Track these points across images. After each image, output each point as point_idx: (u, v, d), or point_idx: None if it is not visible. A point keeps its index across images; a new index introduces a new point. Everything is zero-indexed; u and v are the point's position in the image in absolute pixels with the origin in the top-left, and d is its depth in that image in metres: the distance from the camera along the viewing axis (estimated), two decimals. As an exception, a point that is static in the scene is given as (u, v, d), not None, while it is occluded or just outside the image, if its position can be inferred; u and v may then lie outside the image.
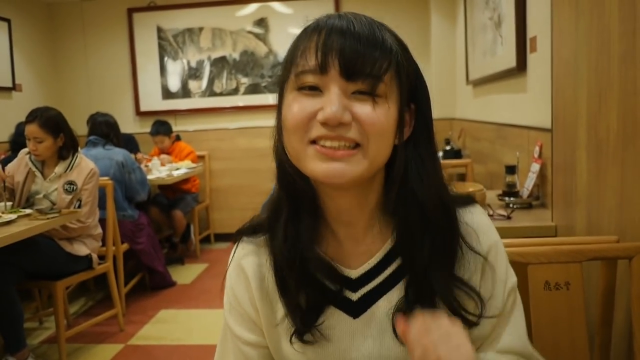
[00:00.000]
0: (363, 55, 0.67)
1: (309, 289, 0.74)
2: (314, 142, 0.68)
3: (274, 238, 0.77)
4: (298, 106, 0.69)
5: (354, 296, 0.77)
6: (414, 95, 0.73)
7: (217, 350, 0.87)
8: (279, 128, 0.74)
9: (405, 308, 0.73)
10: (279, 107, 0.74)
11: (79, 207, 2.84)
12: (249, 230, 0.82)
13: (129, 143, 4.63)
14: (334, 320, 0.76)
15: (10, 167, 2.94)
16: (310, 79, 0.68)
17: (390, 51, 0.69)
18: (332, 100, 0.66)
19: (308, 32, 0.71)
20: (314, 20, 0.72)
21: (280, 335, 0.79)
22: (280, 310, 0.78)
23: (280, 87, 0.75)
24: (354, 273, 0.77)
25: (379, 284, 0.76)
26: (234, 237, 0.84)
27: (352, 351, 0.76)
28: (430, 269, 0.72)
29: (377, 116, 0.68)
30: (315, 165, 0.68)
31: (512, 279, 0.80)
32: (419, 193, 0.72)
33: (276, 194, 0.78)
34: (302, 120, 0.68)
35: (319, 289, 0.75)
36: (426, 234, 0.72)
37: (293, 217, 0.75)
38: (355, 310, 0.76)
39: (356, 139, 0.67)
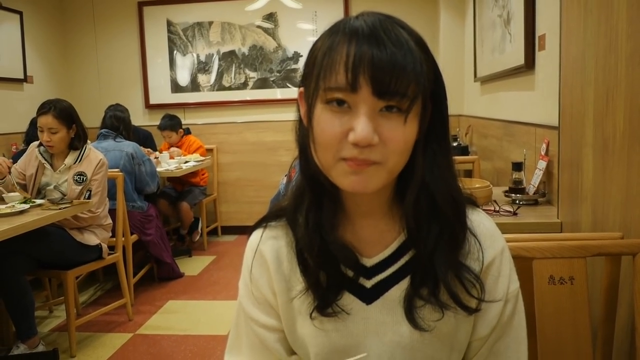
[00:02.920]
0: (396, 74, 0.66)
1: (327, 271, 0.77)
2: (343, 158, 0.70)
3: (296, 223, 0.79)
4: (328, 125, 0.69)
5: (368, 283, 0.79)
6: (432, 95, 0.73)
7: (231, 334, 0.89)
8: (303, 128, 0.76)
9: (413, 293, 0.76)
10: (310, 107, 0.72)
11: (89, 197, 2.87)
12: (272, 216, 0.85)
13: (147, 140, 4.65)
14: (348, 305, 0.78)
15: (21, 162, 2.98)
16: (339, 95, 0.68)
17: (420, 64, 0.68)
18: (363, 122, 0.67)
19: (336, 41, 0.69)
20: (340, 23, 0.71)
21: (295, 314, 0.81)
22: (296, 288, 0.80)
23: (306, 89, 0.74)
24: (369, 261, 0.79)
25: (393, 273, 0.79)
26: (251, 229, 0.86)
27: (366, 336, 0.78)
28: (435, 255, 0.74)
29: (404, 135, 0.69)
30: (343, 179, 0.71)
31: (515, 284, 0.81)
32: (431, 185, 0.74)
33: (299, 182, 0.80)
34: (333, 141, 0.69)
35: (336, 274, 0.77)
36: (434, 222, 0.74)
37: (315, 205, 0.78)
38: (369, 297, 0.78)
39: (377, 159, 0.69)
